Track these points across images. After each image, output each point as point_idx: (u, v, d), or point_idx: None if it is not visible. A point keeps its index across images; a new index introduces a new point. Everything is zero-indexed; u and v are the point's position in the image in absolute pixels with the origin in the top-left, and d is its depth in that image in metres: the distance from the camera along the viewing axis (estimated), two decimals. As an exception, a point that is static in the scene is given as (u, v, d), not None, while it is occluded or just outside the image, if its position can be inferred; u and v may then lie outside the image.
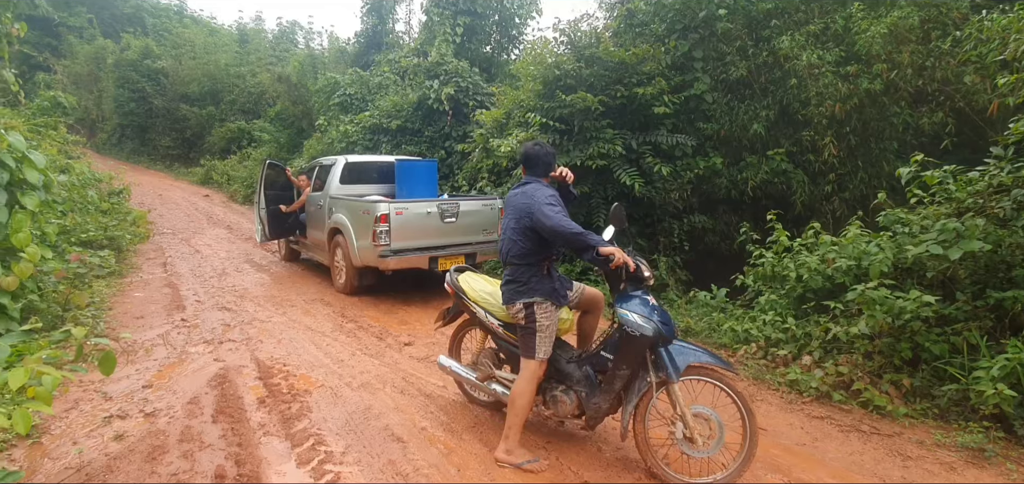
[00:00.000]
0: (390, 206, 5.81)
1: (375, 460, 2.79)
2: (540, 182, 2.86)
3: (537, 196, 2.69)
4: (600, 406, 2.74)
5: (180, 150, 22.34)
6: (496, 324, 3.04)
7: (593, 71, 6.93)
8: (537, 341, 2.73)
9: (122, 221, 8.77)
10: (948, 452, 3.01)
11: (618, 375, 2.67)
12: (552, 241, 2.68)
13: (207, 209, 13.88)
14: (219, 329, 4.97)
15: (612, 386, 2.70)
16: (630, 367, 2.65)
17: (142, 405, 3.34)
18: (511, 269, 2.83)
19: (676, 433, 2.62)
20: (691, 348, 2.67)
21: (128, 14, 29.04)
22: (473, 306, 3.12)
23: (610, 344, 2.77)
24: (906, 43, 5.73)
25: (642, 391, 2.63)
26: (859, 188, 6.11)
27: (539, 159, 2.90)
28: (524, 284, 2.77)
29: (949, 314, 3.66)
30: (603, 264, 2.58)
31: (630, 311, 2.60)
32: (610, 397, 2.72)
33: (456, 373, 3.37)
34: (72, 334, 2.41)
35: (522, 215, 2.74)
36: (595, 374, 2.80)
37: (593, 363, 2.82)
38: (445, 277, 3.34)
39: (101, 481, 2.51)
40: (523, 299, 2.75)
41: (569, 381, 2.84)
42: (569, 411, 2.84)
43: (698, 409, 2.63)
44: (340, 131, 11.77)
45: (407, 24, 19.25)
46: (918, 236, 3.99)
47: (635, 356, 2.62)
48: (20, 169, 4.38)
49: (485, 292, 3.11)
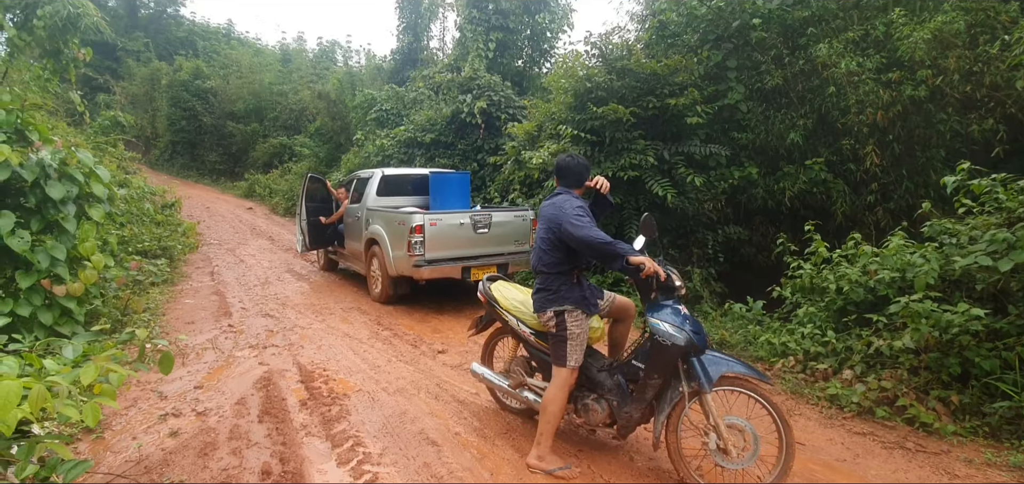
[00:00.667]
0: (424, 217, 5.97)
1: (411, 462, 2.88)
2: (571, 193, 2.90)
3: (566, 207, 2.74)
4: (632, 415, 2.75)
5: (226, 165, 23.40)
6: (528, 332, 3.09)
7: (624, 83, 6.96)
8: (568, 349, 2.77)
9: (174, 232, 9.27)
10: (999, 472, 2.88)
11: (649, 384, 2.68)
12: (580, 251, 2.72)
13: (251, 221, 14.47)
14: (263, 334, 5.20)
15: (644, 395, 2.71)
16: (661, 376, 2.66)
17: (194, 404, 3.54)
18: (542, 278, 2.89)
19: (709, 443, 2.61)
20: (724, 358, 2.65)
21: (181, 38, 30.73)
22: (505, 315, 3.18)
23: (641, 353, 2.78)
24: (952, 48, 5.55)
25: (674, 401, 2.63)
26: (904, 198, 5.91)
27: (570, 170, 2.94)
28: (554, 292, 2.82)
29: (1000, 328, 3.51)
30: (634, 273, 2.60)
31: (661, 320, 2.61)
32: (642, 406, 2.73)
33: (488, 380, 3.43)
34: (136, 335, 2.60)
35: (552, 226, 2.79)
36: (627, 383, 2.82)
37: (624, 372, 2.84)
38: (478, 286, 3.42)
39: (158, 474, 2.68)
40: (553, 307, 2.80)
41: (600, 389, 2.87)
42: (600, 419, 2.86)
43: (732, 420, 2.62)
44: (376, 145, 12.11)
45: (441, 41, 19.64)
46: (966, 247, 3.84)
47: (667, 365, 2.62)
48: (87, 183, 4.74)
49: (517, 301, 3.17)
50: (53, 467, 2.03)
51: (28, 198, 4.34)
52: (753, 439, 2.58)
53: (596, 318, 2.99)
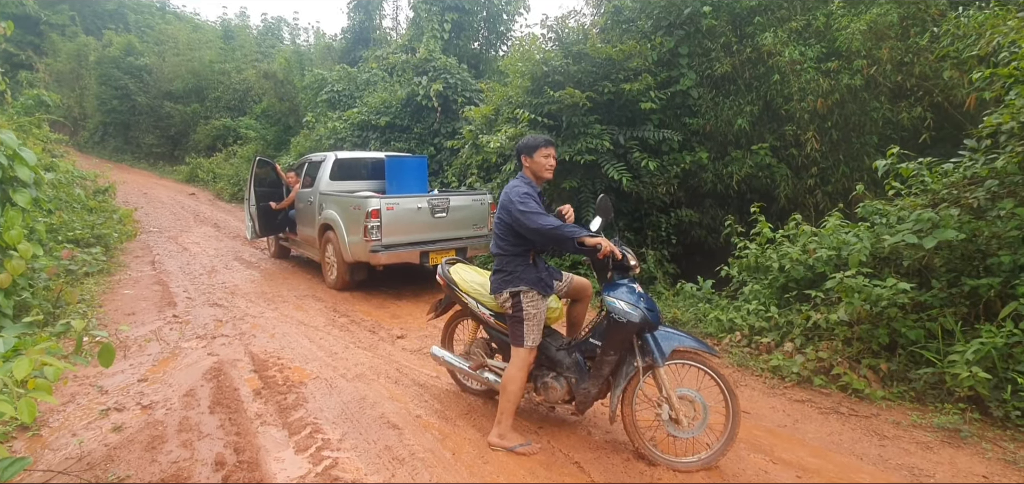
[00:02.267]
0: (381, 202, 5.86)
1: (371, 446, 2.86)
2: (521, 176, 2.92)
3: (512, 194, 2.78)
4: (589, 391, 2.83)
5: (164, 148, 22.08)
6: (487, 314, 3.11)
7: (581, 67, 7.02)
8: (525, 329, 2.81)
9: (108, 219, 8.69)
10: (924, 432, 3.15)
11: (606, 360, 2.75)
12: (531, 239, 2.76)
13: (194, 207, 13.76)
14: (211, 325, 4.99)
15: (600, 371, 2.78)
16: (617, 352, 2.74)
17: (138, 398, 3.36)
18: (498, 260, 2.93)
19: (662, 415, 2.72)
20: (676, 334, 2.76)
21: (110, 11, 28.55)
22: (464, 297, 3.19)
23: (598, 331, 2.86)
24: (885, 39, 5.90)
25: (629, 375, 2.72)
26: (841, 181, 6.27)
27: (521, 147, 2.94)
28: (510, 274, 2.85)
29: (925, 301, 3.81)
30: (590, 254, 2.66)
31: (617, 299, 2.68)
32: (599, 382, 2.81)
33: (449, 363, 3.44)
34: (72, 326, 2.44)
35: (503, 207, 2.85)
36: (585, 360, 2.89)
37: (582, 350, 2.90)
38: (437, 270, 3.39)
39: (102, 470, 2.54)
40: (509, 288, 2.84)
41: (559, 368, 2.93)
42: (560, 397, 2.93)
43: (683, 391, 2.74)
44: (328, 128, 11.74)
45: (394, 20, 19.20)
46: (895, 226, 4.13)
47: (622, 342, 2.71)
48: (11, 166, 4.38)
49: (476, 283, 3.18)
50: (-18, 467, 1.90)
51: (-59, 182, 3.98)
52: (702, 409, 2.72)
53: (554, 298, 3.04)
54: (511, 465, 2.73)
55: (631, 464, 2.77)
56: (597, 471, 2.69)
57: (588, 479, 2.62)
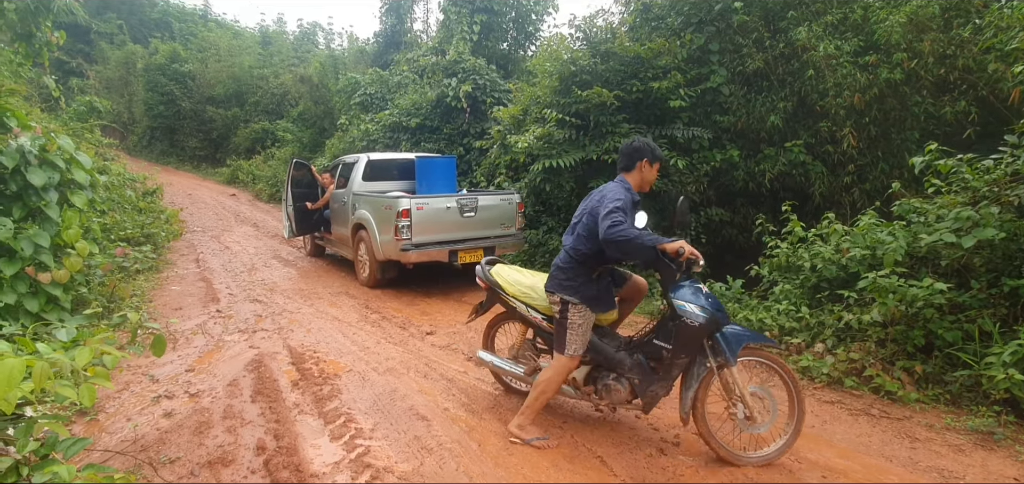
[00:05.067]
0: (411, 201, 6.01)
1: (402, 436, 2.98)
2: (622, 180, 2.80)
3: (607, 198, 2.66)
4: (657, 393, 2.79)
5: (207, 151, 23.01)
6: (539, 317, 3.06)
7: (609, 66, 7.03)
8: (568, 337, 2.77)
9: (156, 219, 9.17)
10: (957, 435, 3.07)
11: (677, 363, 2.72)
12: (608, 250, 2.64)
13: (234, 208, 14.32)
14: (252, 319, 5.23)
15: (670, 373, 2.75)
16: (689, 354, 2.71)
17: (186, 387, 3.59)
18: (567, 257, 2.84)
19: (737, 414, 2.71)
20: (743, 331, 2.74)
21: (156, 19, 29.94)
22: (511, 301, 3.13)
23: (663, 332, 2.79)
24: (927, 32, 5.70)
25: (701, 376, 2.72)
26: (880, 179, 6.09)
27: (621, 153, 2.86)
28: (568, 279, 2.79)
29: (963, 302, 3.69)
30: (670, 260, 2.62)
31: (685, 302, 2.64)
32: (668, 384, 2.77)
33: (497, 367, 3.38)
34: (128, 319, 2.64)
35: (589, 212, 2.75)
36: (647, 361, 2.83)
37: (645, 351, 2.84)
38: (477, 271, 3.35)
39: (155, 451, 2.74)
40: (561, 294, 2.79)
41: (620, 369, 2.87)
42: (624, 398, 2.87)
43: (754, 389, 2.75)
44: (361, 130, 12.05)
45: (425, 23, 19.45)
46: (933, 225, 4.02)
47: (694, 343, 2.67)
48: (69, 170, 4.70)
49: (524, 285, 3.12)
50: (52, 445, 2.08)
51: (8, 185, 4.30)
52: (773, 405, 2.73)
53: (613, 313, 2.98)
54: (535, 457, 2.80)
55: (654, 460, 2.81)
56: (620, 466, 2.73)
57: (611, 474, 2.67)
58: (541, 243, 7.76)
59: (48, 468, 1.92)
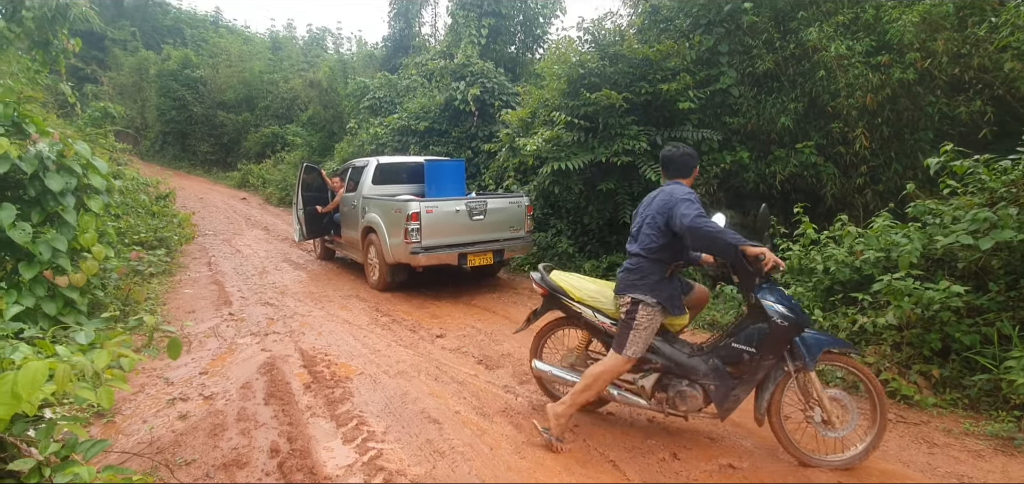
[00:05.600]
0: (421, 205, 6.03)
1: (414, 439, 2.99)
2: (680, 184, 2.81)
3: (677, 194, 2.68)
4: (739, 397, 2.76)
5: (218, 155, 23.25)
6: (608, 323, 3.00)
7: (617, 69, 7.01)
8: (630, 338, 2.73)
9: (169, 223, 9.27)
10: (976, 440, 3.03)
11: (762, 366, 2.69)
12: (689, 240, 2.62)
13: (245, 211, 14.45)
14: (264, 322, 5.27)
15: (755, 376, 2.72)
16: (776, 356, 2.69)
17: (200, 389, 3.63)
18: (635, 259, 2.82)
19: (814, 417, 2.71)
20: (823, 336, 2.74)
21: (168, 26, 30.33)
22: (577, 306, 3.07)
23: (743, 335, 2.76)
24: (941, 31, 5.63)
25: (778, 379, 2.71)
26: (893, 180, 6.02)
27: (676, 161, 2.87)
28: (641, 278, 2.77)
29: (981, 305, 3.64)
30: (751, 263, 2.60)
31: (775, 303, 2.63)
32: (750, 387, 2.75)
33: (556, 377, 3.25)
34: (144, 322, 2.67)
35: (660, 211, 2.73)
36: (724, 365, 2.79)
37: (721, 355, 2.81)
38: (534, 277, 3.29)
39: (171, 454, 2.77)
40: (632, 293, 2.76)
41: (694, 375, 2.83)
42: (698, 405, 2.83)
43: (833, 393, 2.74)
44: (370, 133, 12.12)
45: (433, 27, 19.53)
46: (949, 227, 3.96)
47: (781, 345, 2.66)
48: (85, 175, 4.76)
49: (590, 291, 3.08)
50: (72, 446, 2.11)
51: (27, 190, 4.37)
52: (853, 409, 2.71)
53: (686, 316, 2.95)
54: (547, 461, 2.79)
55: (666, 464, 2.79)
56: (632, 470, 2.72)
57: (623, 477, 2.66)
58: (550, 246, 7.76)
59: (69, 469, 1.94)
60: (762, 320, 2.68)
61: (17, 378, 1.58)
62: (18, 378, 1.58)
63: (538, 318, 3.34)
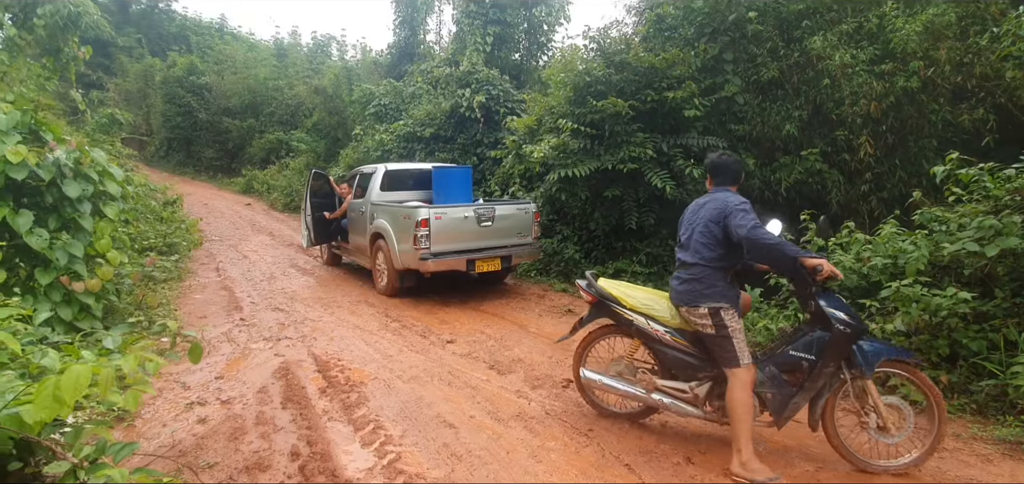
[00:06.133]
0: (430, 211, 6.09)
1: (430, 443, 3.03)
2: (729, 190, 2.84)
3: (731, 201, 2.70)
4: (799, 404, 2.76)
5: (223, 161, 23.34)
6: (662, 331, 2.99)
7: (623, 77, 7.08)
8: (736, 346, 2.72)
9: (177, 229, 9.34)
10: (984, 445, 3.06)
11: (823, 372, 2.70)
12: (747, 250, 2.64)
13: (250, 217, 14.51)
14: (275, 327, 5.32)
15: (816, 383, 2.72)
16: (836, 363, 2.70)
17: (218, 394, 3.68)
18: (694, 269, 2.80)
19: (870, 424, 2.73)
20: (881, 344, 2.78)
21: (173, 33, 30.52)
22: (629, 313, 3.06)
23: (801, 343, 2.78)
24: (943, 40, 5.71)
25: (834, 386, 2.74)
26: (897, 187, 6.08)
27: (727, 168, 2.89)
28: (709, 287, 2.75)
29: (987, 311, 3.69)
30: (808, 274, 2.62)
31: (838, 310, 2.65)
32: (809, 395, 2.75)
33: (608, 387, 3.21)
34: (168, 327, 2.73)
35: (715, 219, 2.75)
36: (780, 373, 2.81)
37: (777, 363, 2.82)
38: (581, 284, 3.28)
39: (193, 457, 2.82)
40: (709, 303, 2.74)
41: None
42: (757, 414, 2.84)
43: (889, 399, 2.78)
44: (376, 140, 12.20)
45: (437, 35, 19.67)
46: (955, 234, 4.01)
47: (843, 352, 2.68)
48: (101, 182, 4.83)
49: (643, 298, 3.08)
50: (101, 449, 2.16)
51: (45, 197, 4.44)
52: (909, 416, 2.74)
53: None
54: (563, 465, 2.84)
55: (680, 468, 2.83)
56: (648, 473, 2.76)
57: (638, 479, 2.70)
58: (556, 252, 7.82)
59: (102, 472, 1.99)
60: (821, 328, 2.71)
61: (60, 382, 1.63)
62: (61, 382, 1.63)
63: (584, 326, 3.32)
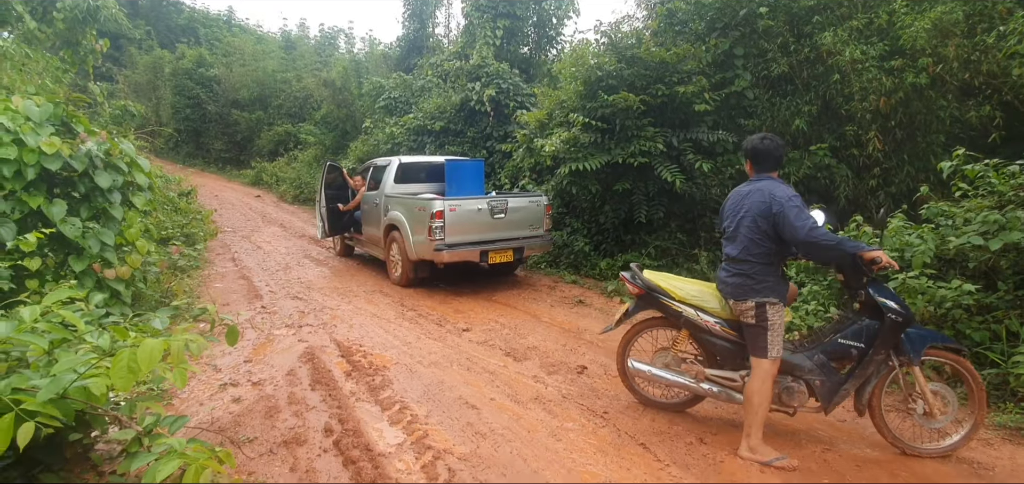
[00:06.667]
0: (445, 203, 6.23)
1: (454, 422, 3.19)
2: (774, 179, 2.82)
3: (778, 195, 2.68)
4: (848, 391, 2.85)
5: (232, 153, 23.54)
6: (712, 322, 3.05)
7: (634, 71, 7.18)
8: (769, 340, 2.76)
9: (193, 219, 9.52)
10: (986, 430, 3.19)
11: (875, 359, 2.80)
12: (803, 251, 2.71)
13: (260, 209, 14.70)
14: (296, 315, 5.49)
15: (866, 371, 2.82)
16: (887, 350, 2.79)
17: (248, 376, 3.84)
18: (743, 265, 2.82)
19: (916, 409, 2.86)
20: (928, 332, 2.89)
21: (182, 25, 30.71)
22: (678, 305, 3.11)
23: (850, 331, 2.87)
24: (951, 37, 5.77)
25: (880, 373, 2.85)
26: (905, 182, 6.16)
27: (769, 154, 2.84)
28: (760, 283, 2.77)
29: (990, 303, 3.80)
30: (864, 266, 2.70)
31: (889, 299, 2.74)
32: (858, 382, 2.84)
33: (657, 377, 3.26)
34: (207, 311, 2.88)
35: (763, 213, 2.72)
36: (829, 361, 2.90)
37: (826, 351, 2.90)
38: (627, 276, 3.33)
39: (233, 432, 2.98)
40: (756, 298, 2.76)
41: (798, 371, 2.92)
42: (804, 400, 2.93)
43: (935, 386, 2.90)
44: (386, 133, 12.33)
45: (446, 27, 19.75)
46: (961, 228, 4.12)
47: (894, 339, 2.76)
48: (130, 172, 5.00)
49: (693, 291, 3.13)
50: (156, 422, 2.32)
51: (77, 187, 4.60)
52: (954, 401, 2.86)
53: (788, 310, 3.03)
54: (581, 443, 2.98)
55: (693, 447, 2.98)
56: (662, 451, 2.91)
57: (655, 458, 2.85)
58: (566, 244, 7.95)
59: (160, 441, 2.15)
60: (870, 317, 2.80)
61: (136, 354, 1.78)
62: (137, 354, 1.78)
63: (630, 318, 3.37)
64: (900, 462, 2.88)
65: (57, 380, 1.73)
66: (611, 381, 3.88)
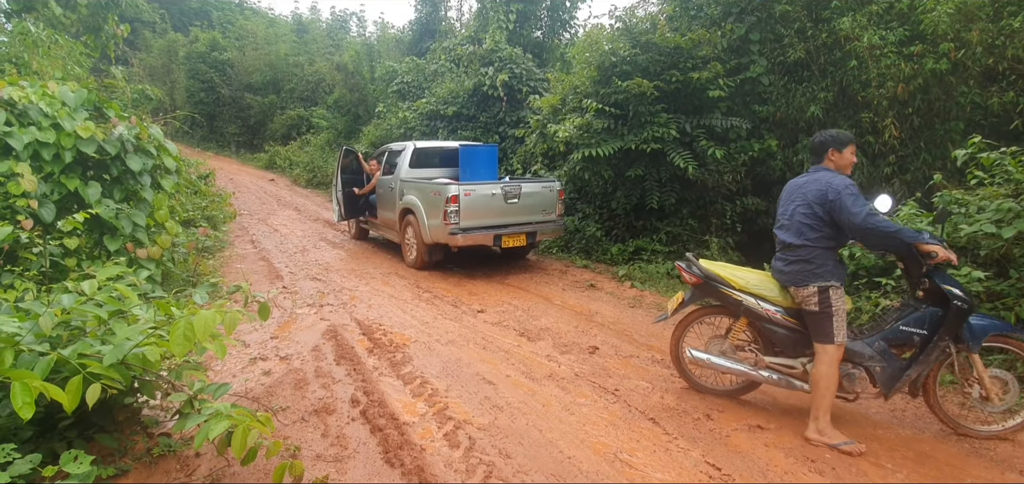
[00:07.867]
0: (460, 188, 6.35)
1: (473, 396, 3.34)
2: (828, 170, 2.89)
3: (835, 184, 2.74)
4: (911, 377, 2.89)
5: (245, 137, 23.79)
6: (773, 310, 3.07)
7: (648, 57, 7.19)
8: (834, 325, 2.80)
9: (212, 202, 9.74)
10: (992, 412, 3.27)
11: (939, 346, 2.84)
12: (859, 238, 2.79)
13: (275, 192, 14.92)
14: (315, 295, 5.67)
15: (929, 358, 2.86)
16: (952, 337, 2.82)
17: (275, 351, 4.02)
18: (801, 251, 2.87)
19: (973, 394, 2.93)
20: (989, 320, 2.93)
21: (195, 9, 30.88)
22: (738, 294, 3.14)
23: (912, 319, 2.92)
24: (975, 21, 5.70)
25: (939, 358, 2.89)
26: (921, 170, 6.15)
27: (815, 147, 2.97)
28: (819, 267, 2.82)
29: (1000, 290, 3.85)
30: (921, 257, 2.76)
31: (954, 287, 2.78)
32: (922, 368, 2.88)
33: (717, 365, 3.27)
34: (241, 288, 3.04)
35: (820, 201, 2.78)
36: (889, 348, 2.95)
37: (888, 339, 2.96)
38: (683, 266, 3.36)
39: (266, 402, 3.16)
40: (818, 283, 2.80)
41: (857, 358, 2.97)
42: (865, 387, 2.99)
43: (995, 372, 2.98)
44: (399, 118, 12.43)
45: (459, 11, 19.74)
46: (974, 216, 4.15)
47: (956, 327, 2.80)
48: (158, 156, 5.17)
49: (752, 280, 3.16)
50: (202, 388, 2.49)
51: (110, 170, 4.78)
52: (1013, 386, 2.91)
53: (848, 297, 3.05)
54: (594, 418, 3.12)
55: (701, 423, 3.10)
56: (671, 426, 3.04)
57: (664, 433, 2.97)
58: (578, 229, 8.04)
59: (207, 405, 2.31)
60: (933, 304, 2.87)
61: (193, 324, 1.93)
62: (194, 323, 1.93)
63: (687, 306, 3.37)
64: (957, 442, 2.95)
65: (119, 347, 1.89)
66: (622, 361, 4.00)
